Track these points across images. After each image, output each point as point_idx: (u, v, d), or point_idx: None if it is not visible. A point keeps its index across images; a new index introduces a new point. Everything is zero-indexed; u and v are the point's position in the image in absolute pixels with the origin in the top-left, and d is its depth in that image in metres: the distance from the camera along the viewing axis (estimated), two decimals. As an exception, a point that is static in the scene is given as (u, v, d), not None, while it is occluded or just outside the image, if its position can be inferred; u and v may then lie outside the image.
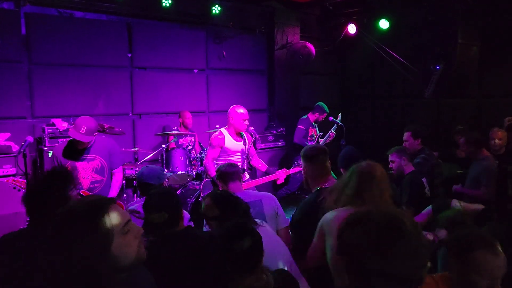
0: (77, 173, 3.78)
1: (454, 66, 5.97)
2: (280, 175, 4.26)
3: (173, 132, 5.78)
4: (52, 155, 3.91)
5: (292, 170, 4.54)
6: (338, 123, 6.05)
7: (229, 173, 3.14)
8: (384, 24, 6.98)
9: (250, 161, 4.60)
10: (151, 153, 5.63)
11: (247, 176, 4.54)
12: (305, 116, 6.63)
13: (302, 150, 2.92)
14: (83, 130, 3.60)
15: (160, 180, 3.01)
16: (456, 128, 5.94)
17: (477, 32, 6.05)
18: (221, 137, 4.38)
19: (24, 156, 3.44)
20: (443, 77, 6.09)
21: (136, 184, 3.12)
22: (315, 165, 2.81)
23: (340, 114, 6.23)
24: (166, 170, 5.47)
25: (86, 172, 3.84)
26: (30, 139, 3.55)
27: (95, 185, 3.89)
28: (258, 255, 1.78)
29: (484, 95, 6.75)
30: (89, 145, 3.81)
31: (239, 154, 4.44)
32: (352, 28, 7.33)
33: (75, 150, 3.76)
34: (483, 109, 6.79)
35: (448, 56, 6.01)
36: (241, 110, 4.39)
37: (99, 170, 3.90)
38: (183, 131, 6.13)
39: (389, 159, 4.02)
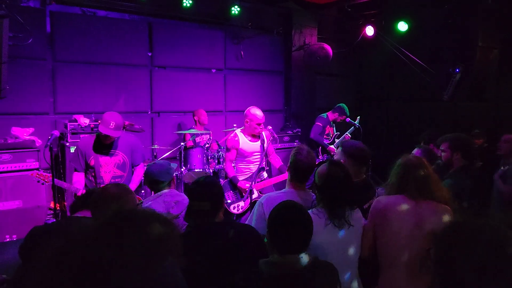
0: (99, 168, 3.89)
1: (474, 69, 5.92)
2: None
3: (192, 131, 5.86)
4: (76, 149, 3.99)
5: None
6: (356, 125, 6.05)
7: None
8: (402, 26, 6.96)
9: (268, 159, 4.62)
10: (170, 151, 5.71)
11: (265, 175, 4.57)
12: (324, 115, 6.60)
13: (347, 145, 2.95)
14: (112, 126, 3.69)
15: (169, 175, 2.98)
16: (473, 132, 5.89)
17: (498, 35, 6.00)
18: (236, 139, 4.36)
19: (51, 149, 3.52)
20: (462, 80, 6.05)
21: (146, 181, 3.10)
22: (357, 164, 2.90)
23: (359, 117, 6.24)
24: (184, 167, 5.56)
25: (108, 167, 3.92)
26: (56, 133, 3.63)
27: (116, 180, 3.96)
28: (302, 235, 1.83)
29: (503, 98, 6.67)
30: (114, 140, 3.90)
31: (257, 154, 4.46)
32: (370, 30, 7.31)
33: (101, 145, 3.87)
34: (501, 113, 6.71)
35: (467, 59, 5.96)
36: (257, 112, 4.31)
37: (121, 165, 3.98)
38: (199, 129, 6.21)
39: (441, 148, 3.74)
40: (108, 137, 3.77)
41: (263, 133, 4.42)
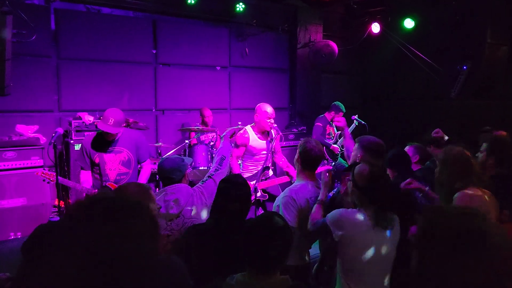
0: (104, 165, 3.86)
1: (482, 67, 5.85)
2: None
3: (196, 128, 5.83)
4: (80, 147, 3.98)
5: (319, 169, 4.48)
6: (362, 122, 5.99)
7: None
8: (409, 23, 6.88)
9: (274, 158, 4.58)
10: (174, 148, 5.68)
11: (270, 173, 4.53)
12: (322, 115, 6.64)
13: (365, 139, 3.00)
14: (111, 122, 3.66)
15: (181, 173, 2.90)
16: (483, 129, 5.80)
17: (507, 31, 5.91)
18: (246, 136, 4.33)
19: (55, 147, 3.51)
20: (470, 78, 5.97)
21: (159, 177, 3.04)
22: (373, 158, 2.92)
23: (356, 115, 6.17)
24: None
25: (113, 164, 3.89)
26: (60, 130, 3.62)
27: (121, 177, 3.93)
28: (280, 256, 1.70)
29: (507, 97, 6.57)
30: (117, 137, 3.87)
31: (264, 152, 4.42)
32: (376, 27, 7.24)
33: (104, 142, 3.84)
34: (508, 110, 6.62)
35: (475, 56, 5.89)
36: (268, 109, 4.34)
37: (126, 162, 3.94)
38: (204, 128, 6.17)
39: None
40: (108, 133, 3.75)
41: (272, 131, 4.39)
